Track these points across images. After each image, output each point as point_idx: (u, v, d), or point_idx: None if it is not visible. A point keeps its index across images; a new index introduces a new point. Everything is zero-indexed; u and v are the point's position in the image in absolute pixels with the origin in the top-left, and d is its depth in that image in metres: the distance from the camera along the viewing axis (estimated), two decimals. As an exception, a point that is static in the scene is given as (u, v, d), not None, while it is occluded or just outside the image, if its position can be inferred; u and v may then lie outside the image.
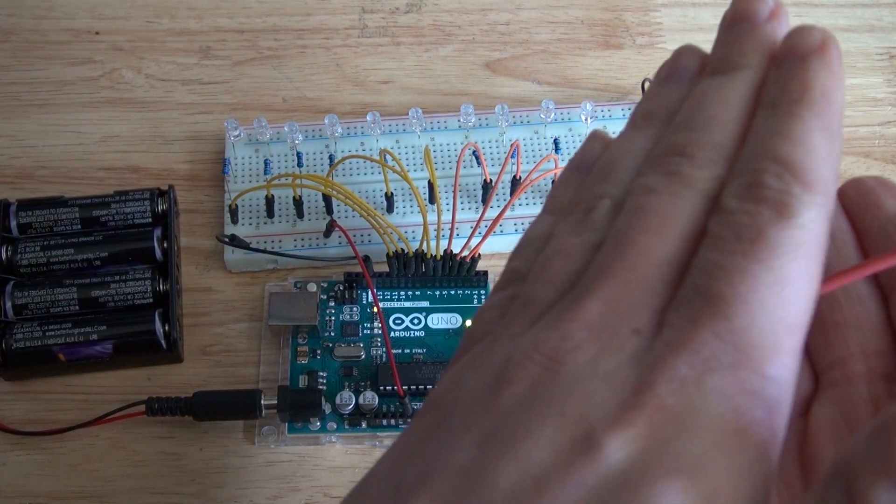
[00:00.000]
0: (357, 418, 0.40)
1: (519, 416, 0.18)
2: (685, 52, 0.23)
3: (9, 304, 0.41)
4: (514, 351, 0.19)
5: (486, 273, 0.43)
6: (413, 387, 0.40)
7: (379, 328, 0.42)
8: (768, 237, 0.18)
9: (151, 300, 0.41)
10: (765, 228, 0.18)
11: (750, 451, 0.17)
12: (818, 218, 0.18)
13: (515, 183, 0.45)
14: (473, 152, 0.45)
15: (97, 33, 0.51)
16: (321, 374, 0.41)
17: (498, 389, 0.18)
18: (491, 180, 0.44)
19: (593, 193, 0.21)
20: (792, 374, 0.18)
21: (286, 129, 0.46)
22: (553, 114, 0.46)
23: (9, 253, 0.42)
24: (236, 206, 0.44)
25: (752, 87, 0.21)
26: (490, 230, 0.43)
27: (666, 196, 0.19)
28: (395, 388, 0.39)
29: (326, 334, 0.42)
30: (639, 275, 0.19)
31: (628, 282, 0.19)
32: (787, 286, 0.18)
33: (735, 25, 0.22)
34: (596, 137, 0.24)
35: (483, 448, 0.18)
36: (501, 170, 0.44)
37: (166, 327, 0.41)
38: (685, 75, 0.22)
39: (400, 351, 0.42)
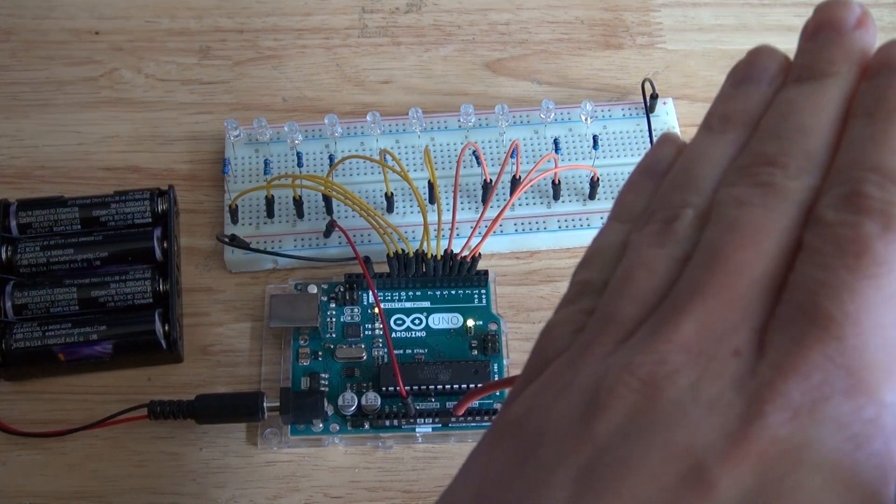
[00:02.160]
0: (360, 419, 0.40)
1: (618, 449, 0.17)
2: (762, 53, 0.22)
3: (9, 304, 0.41)
4: (605, 375, 0.18)
5: (486, 273, 0.43)
6: (415, 387, 0.40)
7: (380, 329, 0.42)
8: (875, 251, 0.17)
9: (151, 300, 0.41)
10: (870, 241, 0.17)
11: (868, 486, 0.16)
12: None
13: (515, 183, 0.45)
14: (473, 152, 0.45)
15: (97, 33, 0.51)
16: (323, 375, 0.41)
17: (591, 418, 0.17)
18: (491, 180, 0.44)
19: (673, 202, 0.20)
20: None
21: (286, 129, 0.46)
22: (553, 114, 0.46)
23: (9, 253, 0.42)
24: (236, 206, 0.44)
25: (844, 96, 0.20)
26: (490, 230, 0.43)
27: (759, 209, 0.18)
28: (398, 388, 0.39)
29: (328, 336, 0.42)
30: (735, 292, 0.18)
31: (724, 300, 0.18)
32: None
33: (820, 33, 0.21)
34: (668, 140, 0.23)
35: (581, 484, 0.17)
36: (501, 169, 0.44)
37: (166, 327, 0.41)
38: (763, 77, 0.21)
39: (401, 351, 0.42)
